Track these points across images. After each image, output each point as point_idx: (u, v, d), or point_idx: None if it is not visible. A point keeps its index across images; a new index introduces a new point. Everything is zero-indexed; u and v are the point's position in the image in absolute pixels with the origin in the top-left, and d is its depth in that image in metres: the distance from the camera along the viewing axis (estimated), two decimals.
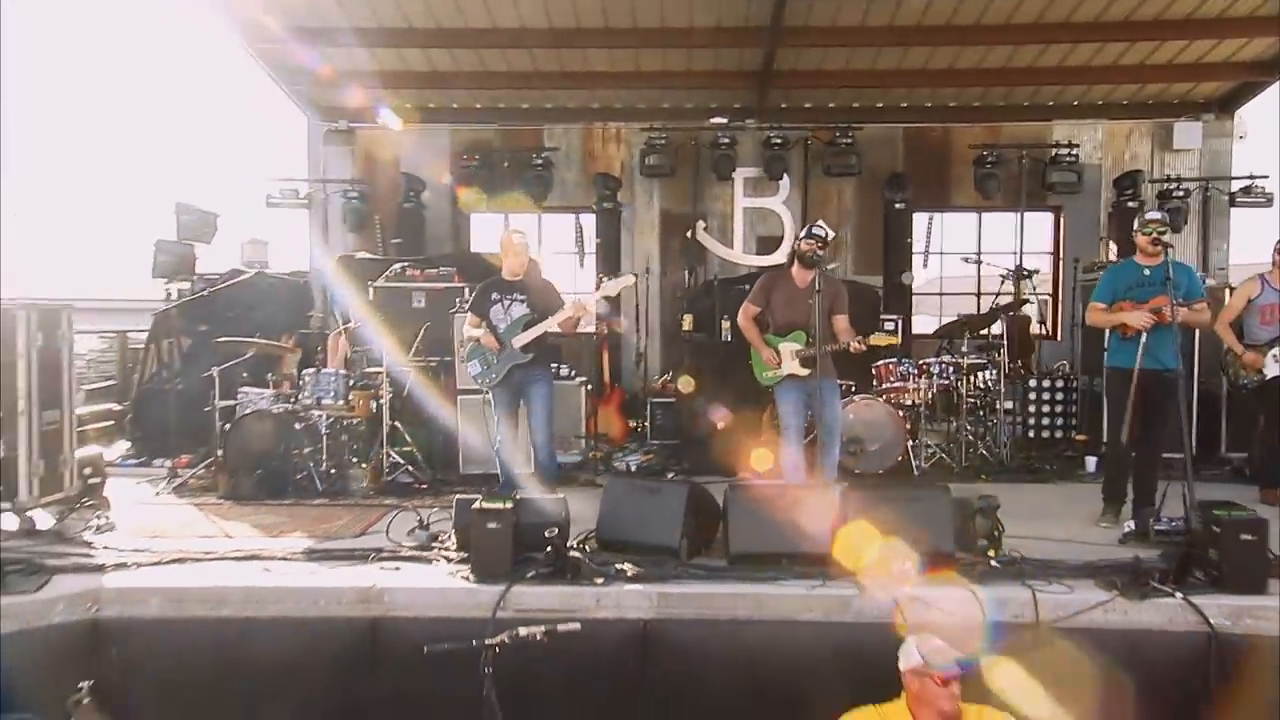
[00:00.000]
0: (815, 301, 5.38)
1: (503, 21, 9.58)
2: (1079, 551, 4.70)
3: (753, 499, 4.52)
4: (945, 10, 9.32)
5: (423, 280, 7.61)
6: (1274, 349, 5.97)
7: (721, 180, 11.03)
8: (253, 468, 5.98)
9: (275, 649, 3.99)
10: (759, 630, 4.02)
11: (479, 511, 4.23)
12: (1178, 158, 11.09)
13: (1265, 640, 3.85)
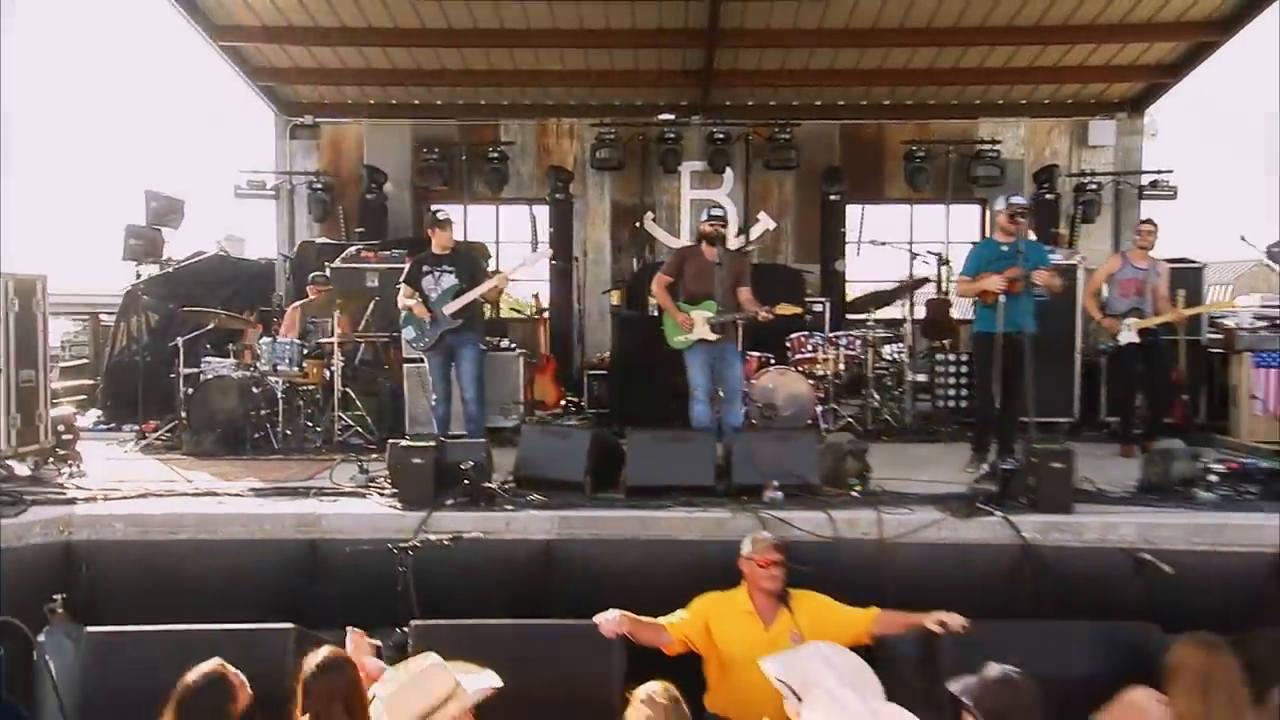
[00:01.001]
0: (715, 273, 6.04)
1: (457, 22, 10.23)
2: (937, 489, 5.37)
3: (649, 441, 5.19)
4: (870, 14, 10.07)
5: (376, 261, 8.23)
6: (1129, 318, 6.71)
7: (668, 173, 11.68)
8: (214, 427, 6.58)
9: (226, 566, 4.60)
10: (646, 547, 4.67)
11: (405, 449, 4.88)
12: (1094, 153, 11.84)
13: (1068, 550, 4.55)
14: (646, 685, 2.93)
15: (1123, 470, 5.83)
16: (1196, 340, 7.95)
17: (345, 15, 10.05)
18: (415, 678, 2.57)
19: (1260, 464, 5.54)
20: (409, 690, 2.55)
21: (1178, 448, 5.29)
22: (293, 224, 11.82)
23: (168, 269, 8.23)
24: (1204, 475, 5.13)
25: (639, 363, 7.47)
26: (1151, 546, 4.51)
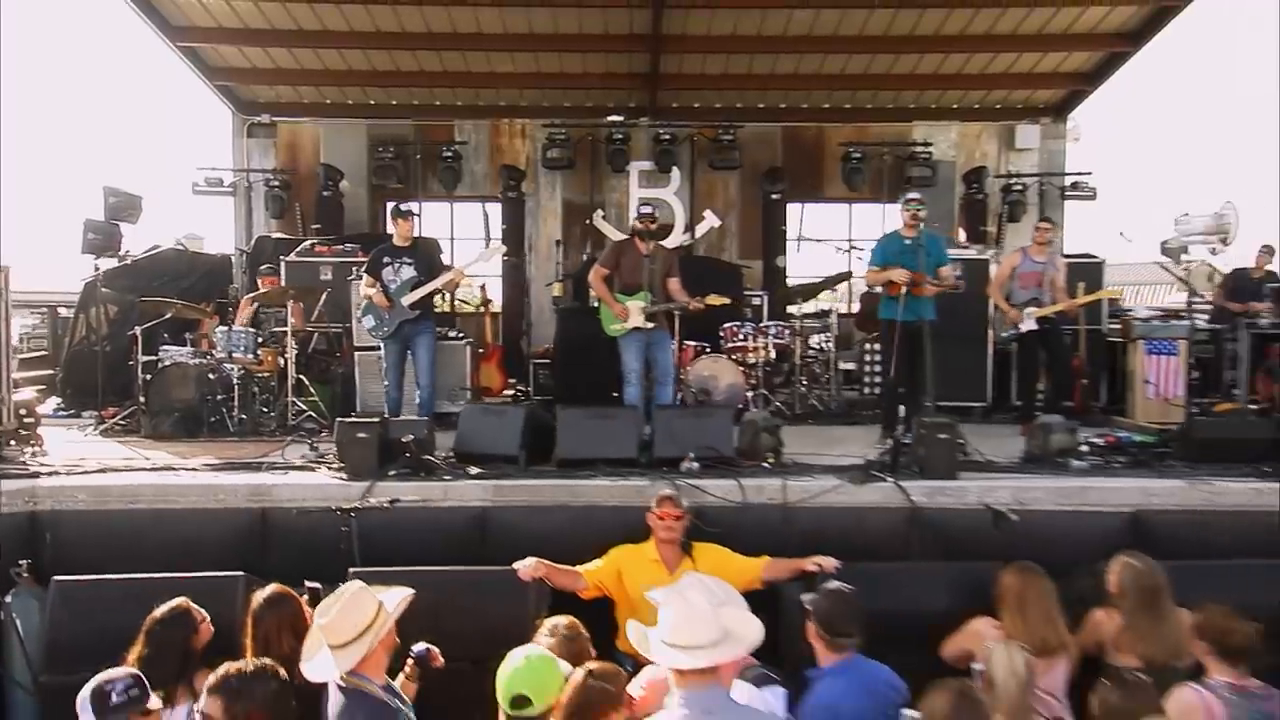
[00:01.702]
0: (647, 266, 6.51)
1: (411, 26, 10.62)
2: (844, 462, 5.87)
3: (578, 418, 5.65)
4: (805, 23, 10.64)
5: (329, 256, 8.59)
6: (1029, 307, 7.30)
7: (617, 173, 12.13)
8: (171, 411, 6.90)
9: (182, 534, 4.95)
10: (573, 513, 5.11)
11: (351, 424, 5.29)
12: (1020, 156, 12.52)
13: (951, 511, 5.07)
14: (552, 618, 3.40)
15: (1020, 446, 6.39)
16: (1098, 330, 8.59)
17: (301, 18, 10.39)
18: (347, 603, 2.97)
19: (1134, 438, 6.14)
20: (345, 614, 2.95)
21: (1055, 422, 5.85)
22: (250, 220, 12.10)
23: (126, 262, 8.50)
24: (1077, 447, 5.70)
25: (579, 350, 7.92)
26: (1023, 507, 5.07)
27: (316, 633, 3.05)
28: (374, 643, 2.92)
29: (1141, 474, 5.47)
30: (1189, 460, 5.66)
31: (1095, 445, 5.98)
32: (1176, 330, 8.02)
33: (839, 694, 2.94)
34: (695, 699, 2.43)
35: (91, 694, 2.77)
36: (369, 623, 2.93)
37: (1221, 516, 5.06)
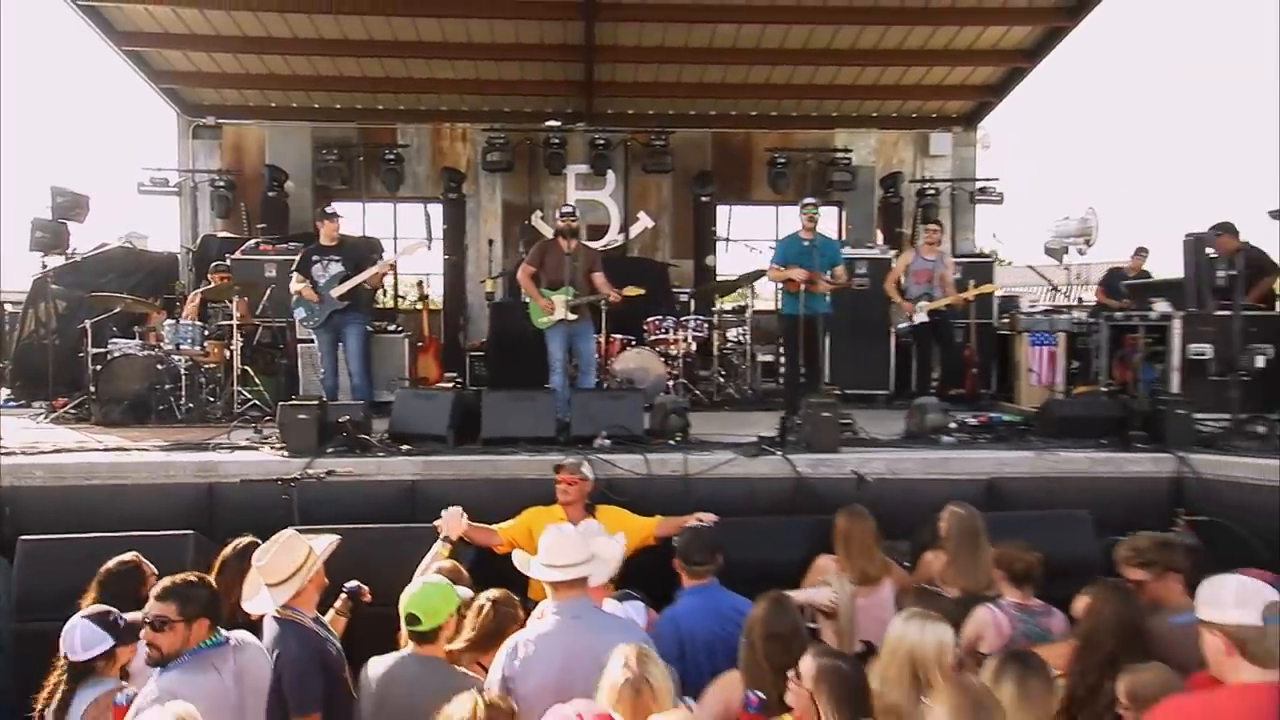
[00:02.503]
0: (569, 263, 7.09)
1: (353, 34, 11.07)
2: (745, 440, 6.52)
3: (502, 400, 6.21)
4: (729, 36, 11.32)
5: (273, 254, 9.02)
6: (920, 301, 8.04)
7: (555, 175, 12.69)
8: (121, 400, 7.30)
9: (134, 507, 5.39)
10: (496, 485, 5.66)
11: (293, 406, 5.79)
12: (934, 162, 13.34)
13: (832, 480, 5.74)
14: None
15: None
16: (989, 323, 9.39)
17: (245, 26, 10.78)
18: (281, 547, 3.48)
19: (1003, 418, 6.88)
20: (279, 557, 3.46)
21: (930, 404, 6.58)
22: (195, 220, 12.42)
23: (75, 259, 8.83)
24: (948, 425, 6.43)
25: (511, 343, 8.49)
26: (895, 476, 5.79)
27: (255, 574, 3.53)
28: (304, 581, 3.42)
29: (999, 447, 6.21)
30: (1046, 436, 6.42)
31: (968, 424, 6.71)
32: (1057, 324, 8.83)
33: (688, 610, 3.56)
34: (566, 607, 3.03)
35: (95, 619, 3.17)
36: (300, 564, 3.44)
37: (1064, 482, 5.81)
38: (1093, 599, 3.12)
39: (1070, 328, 8.69)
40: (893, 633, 2.96)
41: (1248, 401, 6.37)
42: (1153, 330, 7.02)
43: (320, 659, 3.32)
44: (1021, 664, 2.64)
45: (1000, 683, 2.60)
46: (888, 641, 2.96)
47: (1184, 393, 6.50)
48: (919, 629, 2.91)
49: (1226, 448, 5.95)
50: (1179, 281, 6.65)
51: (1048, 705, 2.57)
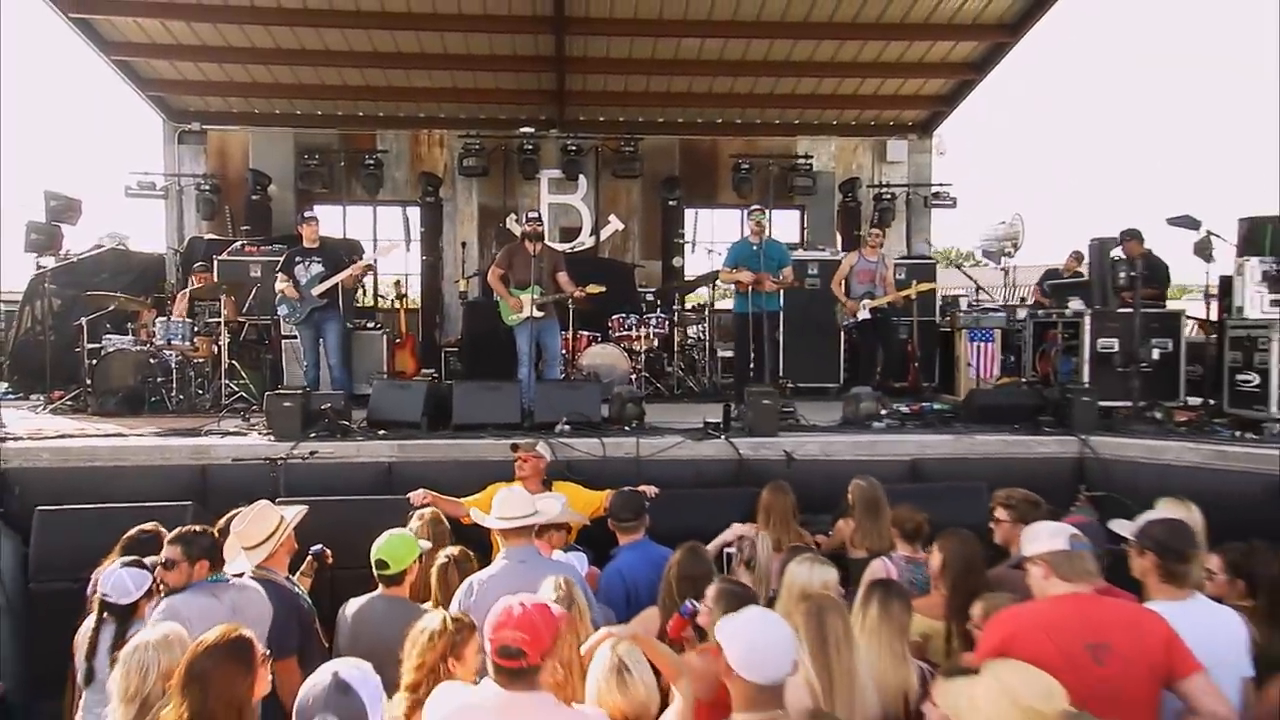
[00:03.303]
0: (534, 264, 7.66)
1: (334, 45, 11.57)
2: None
3: (471, 389, 6.79)
4: (692, 49, 11.90)
5: (258, 255, 9.54)
6: (864, 299, 8.66)
7: (529, 180, 13.23)
8: (115, 392, 7.80)
9: (133, 485, 5.91)
10: (464, 466, 6.21)
11: (279, 395, 6.34)
12: (891, 168, 13.98)
13: (770, 461, 6.35)
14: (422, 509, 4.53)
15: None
16: (932, 320, 10.04)
17: (230, 37, 11.26)
18: (256, 516, 3.98)
19: (934, 407, 7.52)
20: (254, 524, 3.96)
21: (864, 393, 7.21)
22: (181, 222, 12.86)
23: (69, 260, 9.31)
24: (879, 412, 7.05)
25: (483, 339, 9.05)
26: (828, 458, 6.40)
27: (234, 539, 4.03)
28: (276, 545, 3.91)
29: (924, 432, 6.84)
30: (969, 423, 7.07)
31: (900, 413, 7.34)
32: (994, 321, 9.50)
33: (628, 563, 4.14)
34: (514, 553, 3.61)
35: (134, 565, 3.64)
36: (272, 530, 3.95)
37: (978, 462, 6.45)
38: (940, 544, 3.72)
39: (1005, 325, 9.35)
40: (788, 573, 3.55)
41: (1149, 390, 7.04)
42: (1069, 326, 7.67)
43: (295, 611, 3.84)
44: (884, 589, 3.23)
45: (868, 604, 3.18)
46: (784, 580, 3.55)
47: (1093, 383, 7.14)
48: (808, 570, 3.50)
49: (1125, 431, 6.62)
50: (1089, 282, 7.31)
51: (902, 623, 3.14)
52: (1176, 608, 2.90)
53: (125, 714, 2.61)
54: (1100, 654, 2.69)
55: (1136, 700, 2.69)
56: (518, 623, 2.31)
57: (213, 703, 2.24)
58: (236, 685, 2.30)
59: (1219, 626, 2.91)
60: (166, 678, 2.64)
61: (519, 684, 2.31)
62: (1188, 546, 3.00)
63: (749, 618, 2.37)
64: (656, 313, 9.77)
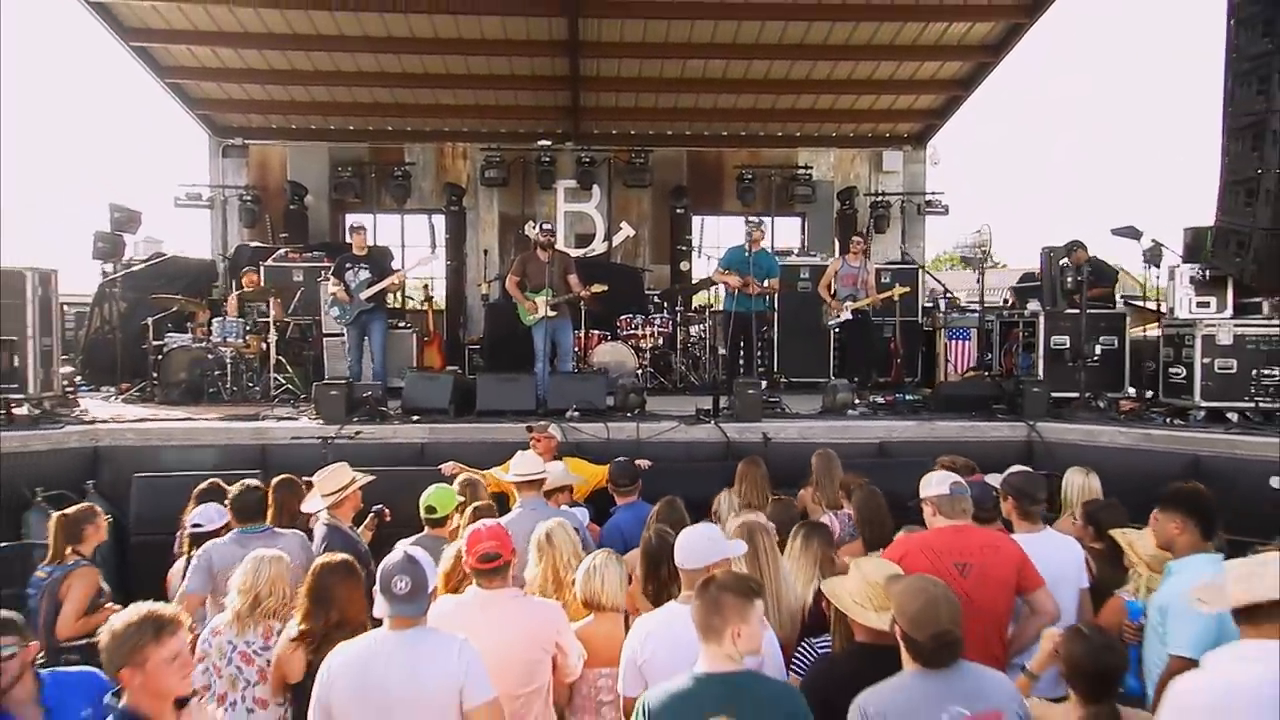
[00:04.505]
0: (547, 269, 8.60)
1: (365, 67, 12.60)
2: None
3: (492, 381, 7.74)
4: (698, 69, 12.82)
5: (300, 261, 10.56)
6: (847, 302, 9.53)
7: (546, 190, 14.20)
8: (178, 384, 8.82)
9: (203, 459, 6.92)
10: (487, 447, 7.16)
11: (326, 384, 7.32)
12: (887, 177, 14.82)
13: (754, 443, 7.24)
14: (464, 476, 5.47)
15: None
16: (915, 320, 10.89)
17: (273, 60, 12.33)
18: (333, 472, 4.95)
19: (905, 397, 8.39)
20: (331, 477, 4.93)
21: (841, 384, 8.09)
22: (225, 230, 13.94)
23: (134, 267, 10.35)
24: (854, 401, 7.94)
25: (503, 337, 10.01)
26: (806, 441, 7.28)
27: (315, 488, 5.00)
28: (344, 496, 4.86)
29: (892, 418, 7.72)
30: (935, 411, 7.94)
31: (876, 402, 8.23)
32: (969, 321, 10.34)
33: (624, 519, 5.05)
34: (527, 503, 4.55)
35: (216, 506, 4.68)
36: (344, 485, 4.92)
37: (938, 444, 7.28)
38: (855, 500, 4.62)
39: (980, 324, 10.18)
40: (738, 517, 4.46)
41: (1097, 382, 7.88)
42: (1028, 325, 8.51)
43: (353, 552, 4.80)
44: (808, 529, 4.11)
45: (794, 539, 4.06)
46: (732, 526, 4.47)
47: (1047, 376, 7.99)
48: (752, 515, 4.41)
49: (1069, 417, 7.46)
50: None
51: (817, 554, 3.96)
52: (1030, 538, 3.79)
53: (241, 603, 3.56)
54: (964, 570, 3.57)
55: (991, 604, 3.56)
56: (488, 535, 3.24)
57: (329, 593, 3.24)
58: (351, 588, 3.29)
59: (1061, 551, 3.80)
60: (271, 581, 3.61)
61: (495, 581, 3.24)
62: (1038, 491, 3.89)
63: (689, 529, 3.29)
64: (662, 313, 10.66)
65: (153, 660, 2.48)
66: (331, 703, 2.69)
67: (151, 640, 2.50)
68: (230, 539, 4.39)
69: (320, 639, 3.17)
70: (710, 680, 2.48)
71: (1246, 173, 6.78)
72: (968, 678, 2.57)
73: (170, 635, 2.53)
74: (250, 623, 3.61)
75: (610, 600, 3.48)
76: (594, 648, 3.44)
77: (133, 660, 2.48)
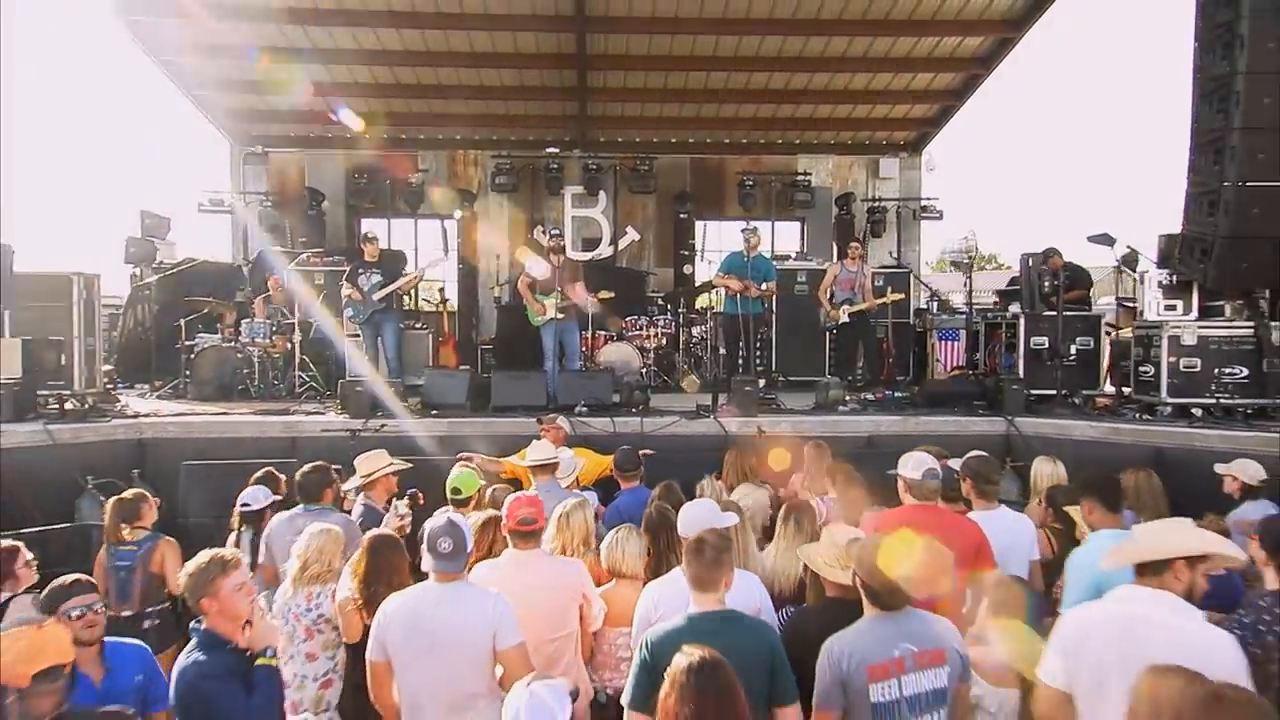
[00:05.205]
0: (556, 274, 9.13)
1: (382, 79, 13.15)
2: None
3: (506, 378, 8.28)
4: (700, 80, 13.37)
5: (321, 265, 11.11)
6: (843, 305, 10.02)
7: (554, 195, 14.73)
8: (210, 381, 9.37)
9: (241, 450, 7.46)
10: (501, 439, 7.71)
11: (351, 381, 7.86)
12: (884, 184, 15.33)
13: (745, 436, 7.76)
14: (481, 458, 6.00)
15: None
16: (907, 322, 11.40)
17: (294, 74, 12.85)
18: (371, 456, 5.48)
19: (895, 394, 8.90)
20: (369, 460, 5.45)
21: (832, 382, 8.61)
22: (246, 235, 14.49)
23: (165, 271, 10.91)
24: (844, 398, 8.46)
25: (513, 337, 10.55)
26: (801, 434, 7.80)
27: (357, 469, 5.53)
28: (378, 478, 5.40)
29: (880, 414, 8.24)
30: (921, 407, 8.45)
31: (866, 399, 8.75)
32: (958, 322, 10.85)
33: (627, 504, 5.55)
34: (540, 486, 5.08)
35: (260, 485, 5.22)
36: (380, 467, 5.46)
37: (922, 438, 7.80)
38: (837, 488, 5.15)
39: (968, 326, 10.68)
40: (735, 498, 4.99)
41: (1075, 380, 8.39)
42: (1010, 326, 9.02)
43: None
44: (797, 511, 4.63)
45: (785, 521, 4.59)
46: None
47: (1027, 374, 8.49)
48: (751, 496, 4.94)
49: (1045, 413, 7.97)
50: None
51: (808, 534, 4.52)
52: (986, 514, 4.32)
53: (295, 568, 4.10)
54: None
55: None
56: (527, 503, 3.79)
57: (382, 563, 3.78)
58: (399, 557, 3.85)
59: (1014, 525, 4.32)
60: (319, 550, 4.15)
61: (530, 543, 3.78)
62: (993, 473, 4.42)
63: (691, 503, 3.82)
64: (665, 315, 11.20)
65: (224, 590, 3.08)
66: (387, 641, 3.23)
67: (220, 574, 3.10)
68: (291, 515, 4.91)
69: (374, 599, 3.71)
70: (701, 618, 3.01)
71: (1209, 185, 7.29)
72: (916, 621, 3.09)
73: (234, 569, 3.15)
74: (300, 586, 4.15)
75: (630, 568, 4.02)
76: (614, 610, 3.97)
77: (208, 591, 3.08)
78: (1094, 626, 2.74)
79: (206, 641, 3.04)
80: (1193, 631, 2.61)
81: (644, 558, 4.10)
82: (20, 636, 2.66)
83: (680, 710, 2.37)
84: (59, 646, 2.66)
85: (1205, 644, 2.56)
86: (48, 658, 2.61)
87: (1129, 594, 2.77)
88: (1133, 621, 2.66)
